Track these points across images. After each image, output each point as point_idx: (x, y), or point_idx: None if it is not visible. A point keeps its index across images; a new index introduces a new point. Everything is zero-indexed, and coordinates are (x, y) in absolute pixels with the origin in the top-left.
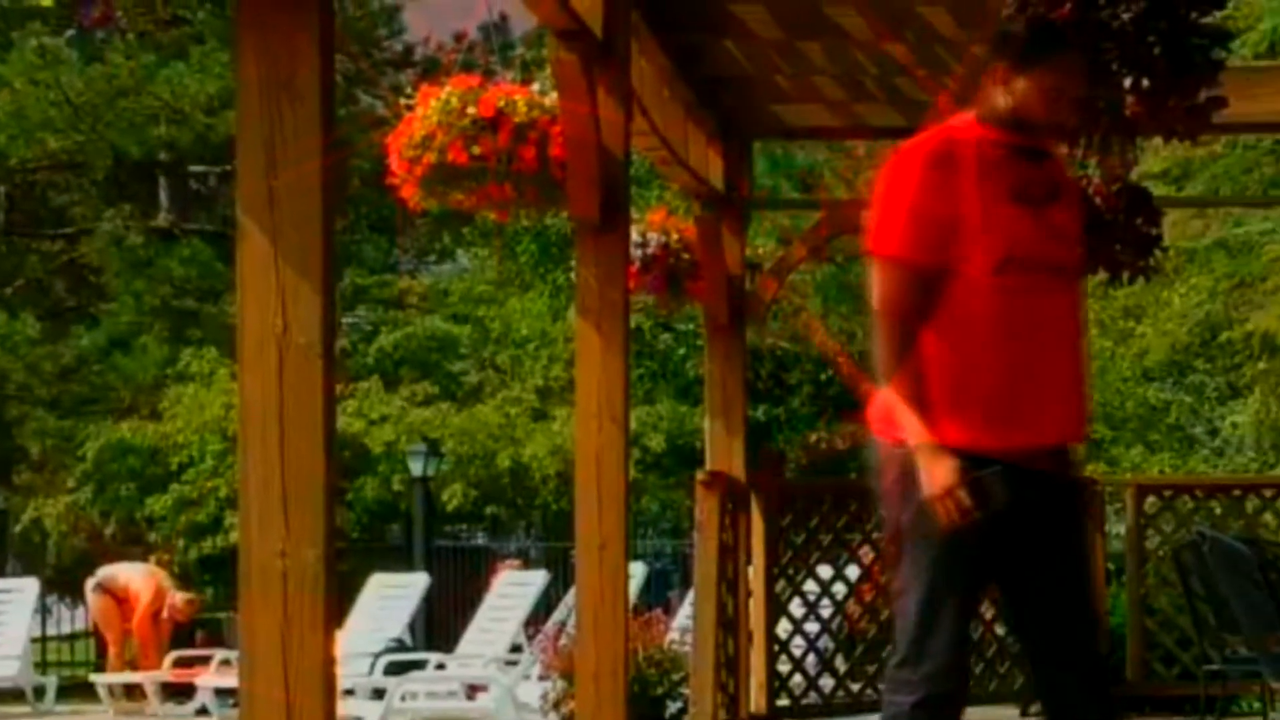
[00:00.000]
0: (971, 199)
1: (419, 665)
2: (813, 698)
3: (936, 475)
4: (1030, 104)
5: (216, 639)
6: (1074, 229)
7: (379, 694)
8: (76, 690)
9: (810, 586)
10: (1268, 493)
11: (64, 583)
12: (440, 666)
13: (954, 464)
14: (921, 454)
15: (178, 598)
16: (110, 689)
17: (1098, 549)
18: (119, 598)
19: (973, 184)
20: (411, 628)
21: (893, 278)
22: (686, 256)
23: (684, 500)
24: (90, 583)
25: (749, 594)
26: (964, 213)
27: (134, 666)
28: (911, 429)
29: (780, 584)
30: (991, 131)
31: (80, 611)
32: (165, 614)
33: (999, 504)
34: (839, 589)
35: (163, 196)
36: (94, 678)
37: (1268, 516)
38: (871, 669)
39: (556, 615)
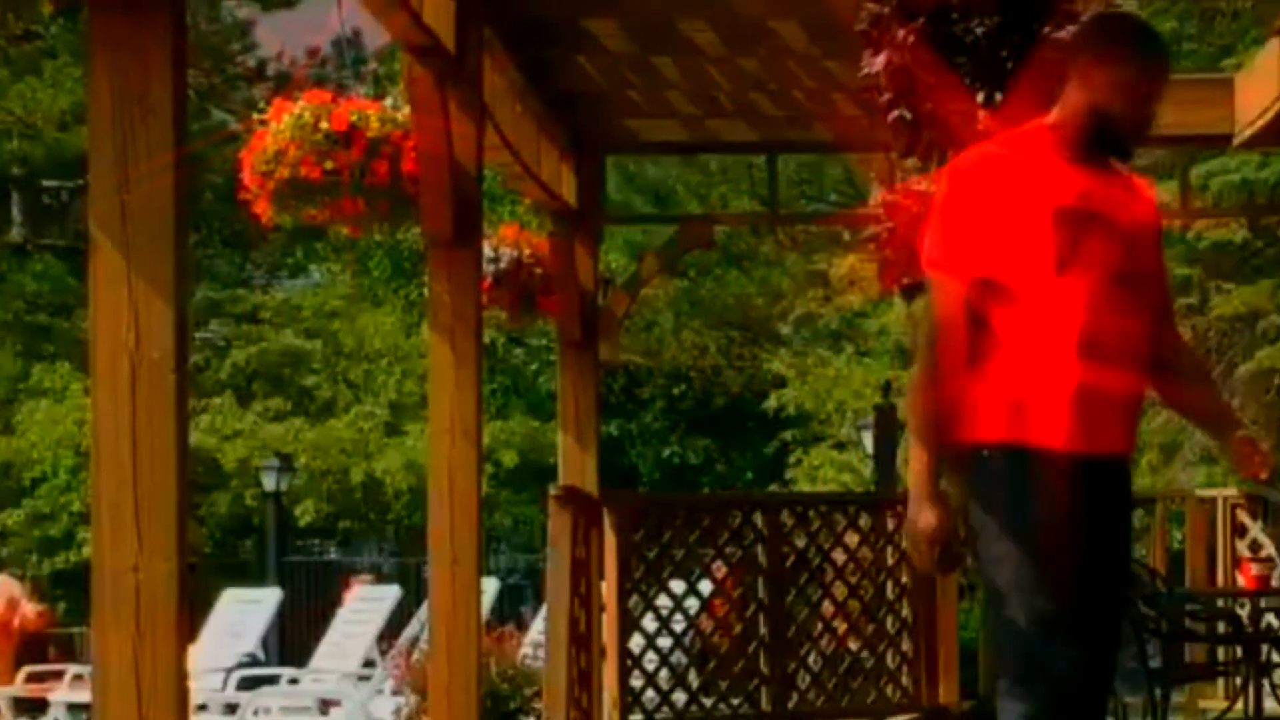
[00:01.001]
0: (1022, 208)
1: (272, 680)
2: (666, 712)
3: (923, 522)
4: (1110, 100)
5: (69, 654)
6: (1146, 238)
7: (232, 709)
8: None
9: (663, 601)
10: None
11: None
12: (293, 681)
13: (941, 517)
14: (916, 493)
15: (29, 609)
16: None
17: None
18: None
19: (1025, 192)
20: (265, 643)
21: (943, 292)
22: (539, 271)
23: (537, 515)
24: None
25: (602, 609)
26: (1012, 222)
27: None
28: (918, 462)
29: (633, 599)
30: (1061, 136)
31: None
32: (17, 623)
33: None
34: (692, 604)
35: (15, 211)
36: None
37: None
38: (724, 683)
39: (409, 630)
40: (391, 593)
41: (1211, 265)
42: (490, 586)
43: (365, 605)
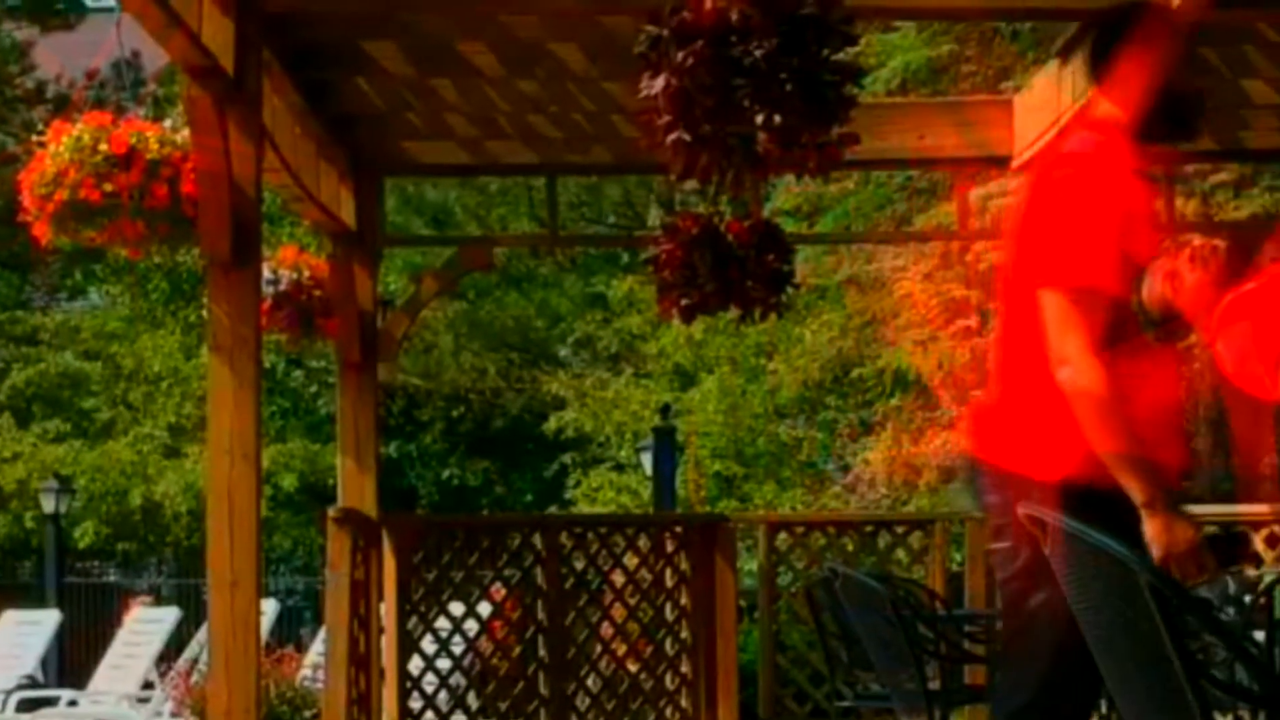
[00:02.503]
0: (1139, 219)
1: (51, 702)
2: None
3: (1180, 533)
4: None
5: None
6: None
7: None
8: None
9: (442, 623)
10: (899, 529)
11: None
12: (72, 703)
13: (1194, 521)
14: (1161, 511)
15: None
16: None
17: (730, 586)
18: None
19: (1139, 201)
20: (44, 664)
21: (1094, 313)
22: (318, 293)
23: (316, 537)
24: None
25: (381, 630)
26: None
27: None
28: (1141, 484)
29: (412, 620)
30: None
31: None
32: None
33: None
34: (471, 625)
35: None
36: None
37: (900, 553)
38: (503, 705)
39: (188, 652)
40: (171, 614)
41: (990, 287)
42: (270, 608)
43: (144, 627)
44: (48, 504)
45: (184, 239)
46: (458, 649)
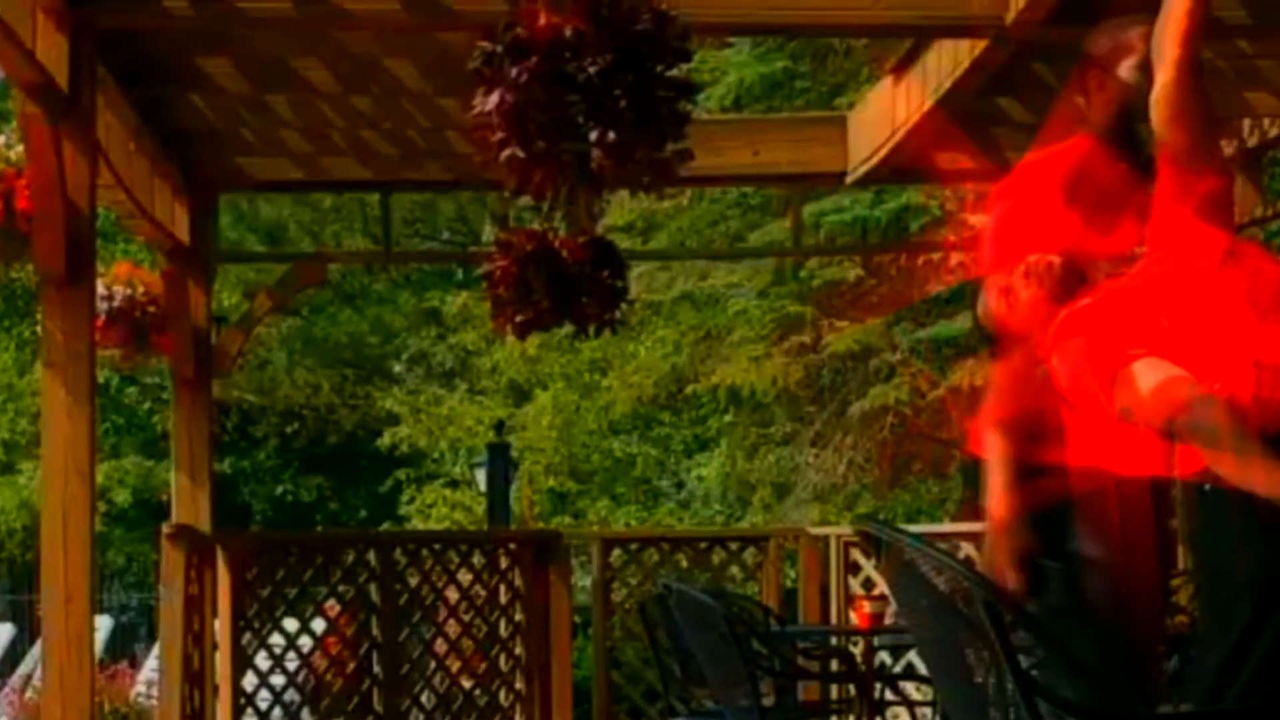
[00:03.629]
0: None
1: None
2: None
3: None
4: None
5: None
6: None
7: None
8: None
9: (277, 639)
10: (734, 545)
11: None
12: None
13: None
14: None
15: None
16: None
17: (564, 602)
18: None
19: None
20: None
21: None
22: (153, 310)
23: (151, 553)
24: None
25: (215, 647)
26: None
27: None
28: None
29: (247, 636)
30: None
31: None
32: None
33: None
34: (305, 641)
35: None
36: None
37: (734, 569)
38: None
39: (22, 668)
40: (4, 631)
41: (825, 303)
42: (104, 624)
43: None
44: None
45: (18, 255)
46: (292, 665)
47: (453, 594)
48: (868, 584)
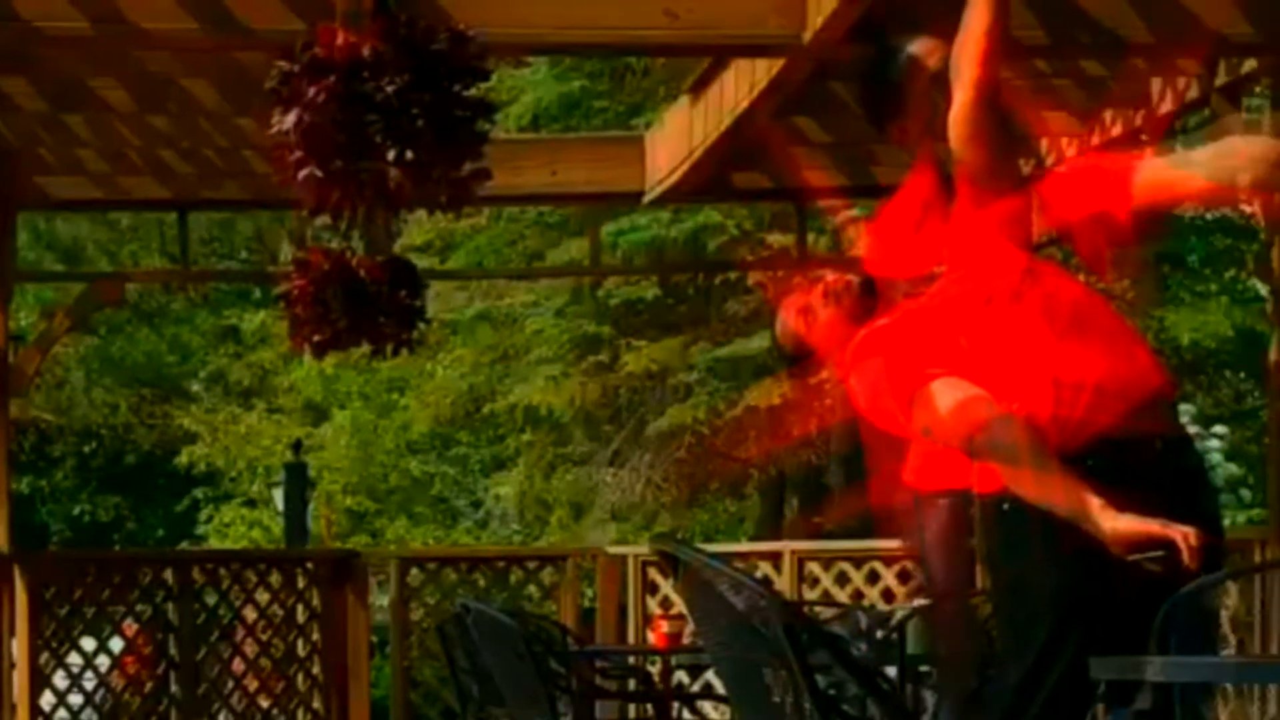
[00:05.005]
0: None
1: None
2: None
3: (1124, 525)
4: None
5: None
6: None
7: None
8: None
9: (75, 659)
10: (531, 564)
11: None
12: None
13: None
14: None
15: None
16: None
17: (362, 622)
18: None
19: None
20: None
21: None
22: None
23: None
24: None
25: (13, 666)
26: None
27: None
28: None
29: (44, 656)
30: None
31: None
32: None
33: None
34: (103, 661)
35: None
36: None
37: (531, 588)
38: None
39: None
40: None
41: (623, 322)
42: None
43: None
44: None
45: None
46: (90, 685)
47: (250, 613)
48: (666, 603)
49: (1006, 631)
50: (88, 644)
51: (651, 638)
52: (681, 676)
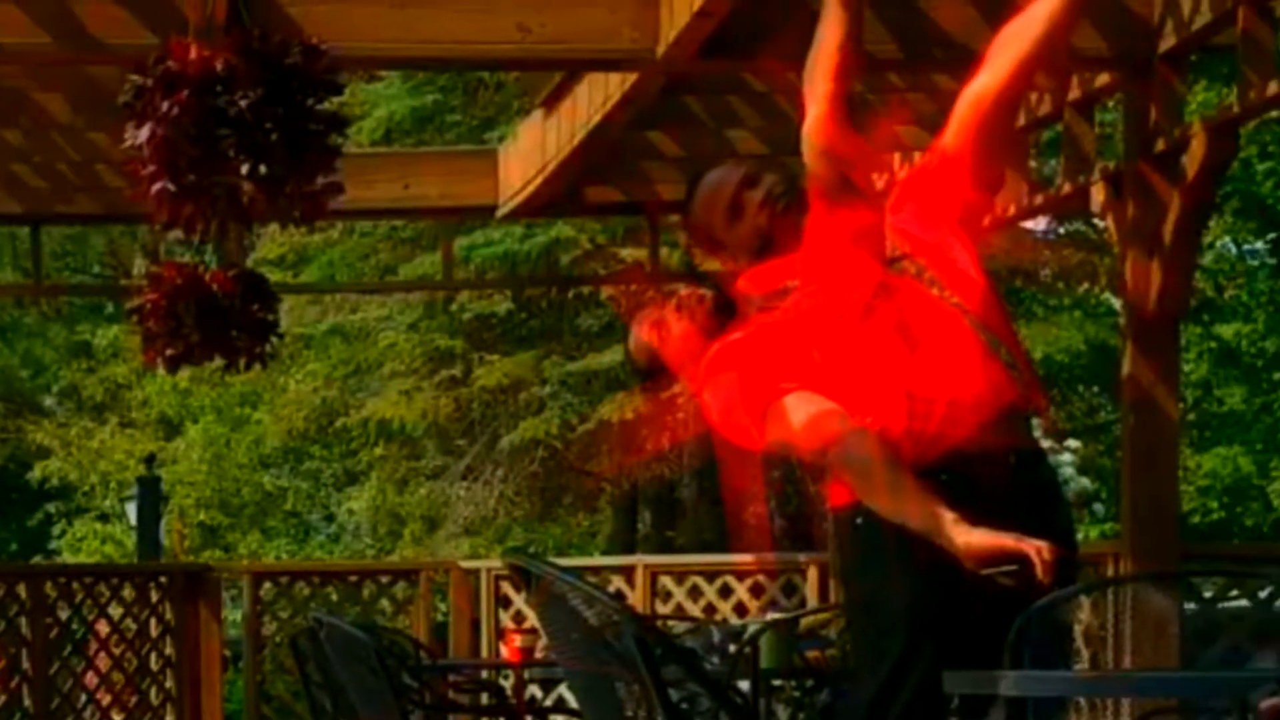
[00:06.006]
0: None
1: None
2: None
3: (977, 539)
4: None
5: None
6: None
7: None
8: None
9: None
10: (384, 579)
11: None
12: None
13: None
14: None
15: None
16: None
17: (215, 636)
18: None
19: None
20: None
21: None
22: None
23: None
24: None
25: None
26: None
27: None
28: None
29: None
30: None
31: None
32: None
33: None
34: None
35: None
36: None
37: (384, 603)
38: None
39: None
40: None
41: (475, 337)
42: None
43: None
44: None
45: None
46: None
47: (104, 627)
48: (519, 617)
49: (860, 646)
50: None
51: (504, 652)
52: (534, 690)
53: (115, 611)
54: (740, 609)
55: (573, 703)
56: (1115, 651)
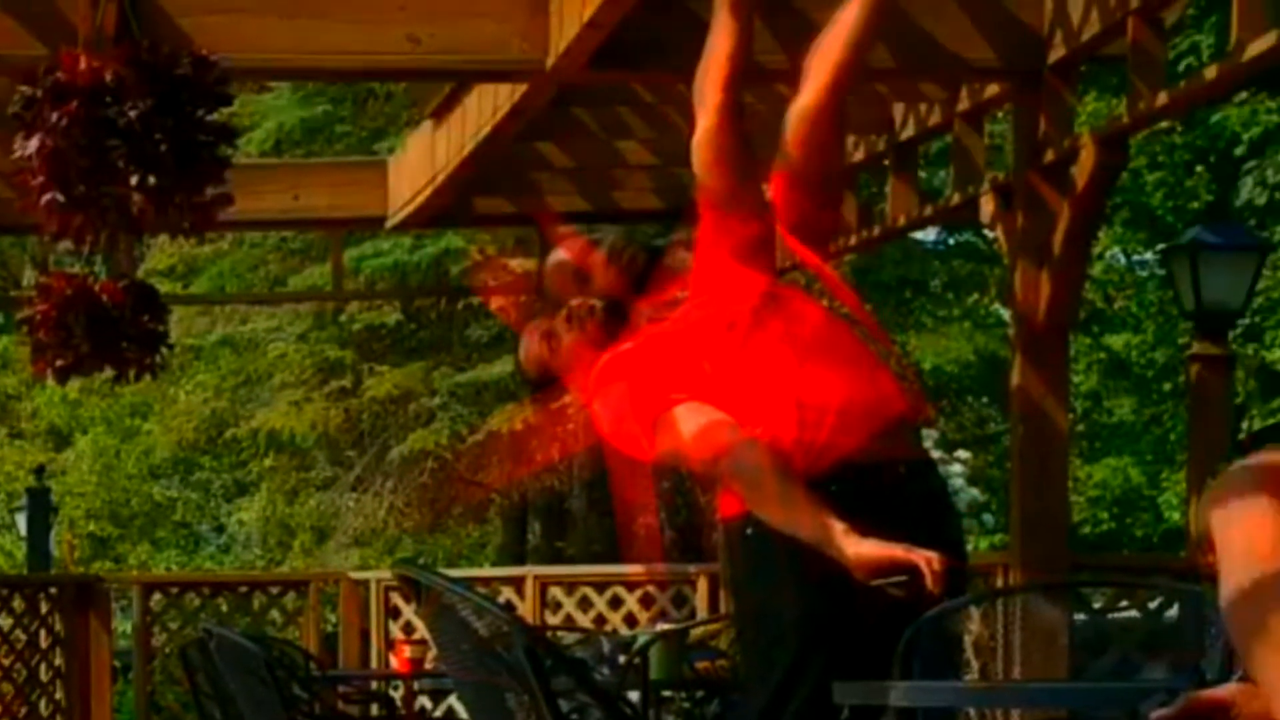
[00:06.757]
0: None
1: None
2: None
3: (867, 549)
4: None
5: None
6: None
7: None
8: None
9: None
10: (274, 590)
11: None
12: None
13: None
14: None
15: None
16: None
17: (105, 647)
18: None
19: None
20: None
21: None
22: None
23: None
24: None
25: None
26: None
27: None
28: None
29: None
30: None
31: None
32: None
33: None
34: None
35: None
36: None
37: (274, 613)
38: None
39: None
40: None
41: (365, 348)
42: None
43: None
44: None
45: None
46: None
47: None
48: (408, 628)
49: (750, 657)
50: None
51: (394, 662)
52: (424, 701)
53: (5, 622)
54: (630, 620)
55: (463, 714)
56: (1005, 662)
